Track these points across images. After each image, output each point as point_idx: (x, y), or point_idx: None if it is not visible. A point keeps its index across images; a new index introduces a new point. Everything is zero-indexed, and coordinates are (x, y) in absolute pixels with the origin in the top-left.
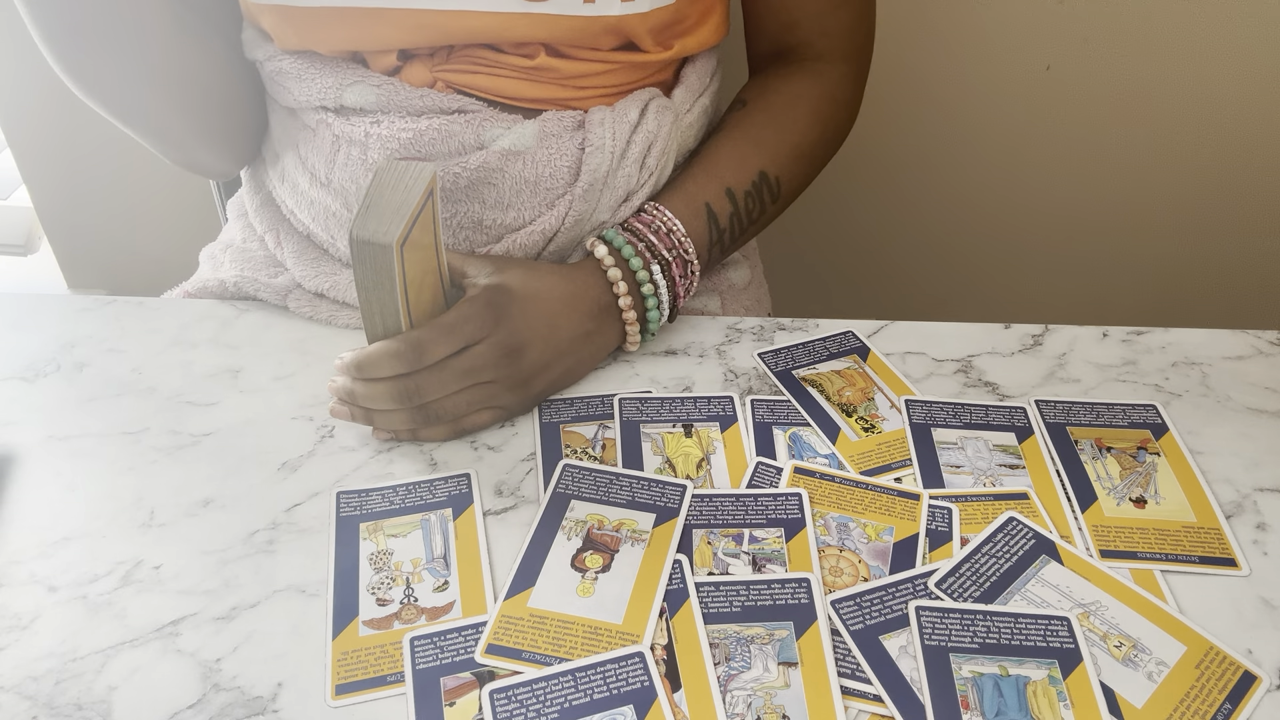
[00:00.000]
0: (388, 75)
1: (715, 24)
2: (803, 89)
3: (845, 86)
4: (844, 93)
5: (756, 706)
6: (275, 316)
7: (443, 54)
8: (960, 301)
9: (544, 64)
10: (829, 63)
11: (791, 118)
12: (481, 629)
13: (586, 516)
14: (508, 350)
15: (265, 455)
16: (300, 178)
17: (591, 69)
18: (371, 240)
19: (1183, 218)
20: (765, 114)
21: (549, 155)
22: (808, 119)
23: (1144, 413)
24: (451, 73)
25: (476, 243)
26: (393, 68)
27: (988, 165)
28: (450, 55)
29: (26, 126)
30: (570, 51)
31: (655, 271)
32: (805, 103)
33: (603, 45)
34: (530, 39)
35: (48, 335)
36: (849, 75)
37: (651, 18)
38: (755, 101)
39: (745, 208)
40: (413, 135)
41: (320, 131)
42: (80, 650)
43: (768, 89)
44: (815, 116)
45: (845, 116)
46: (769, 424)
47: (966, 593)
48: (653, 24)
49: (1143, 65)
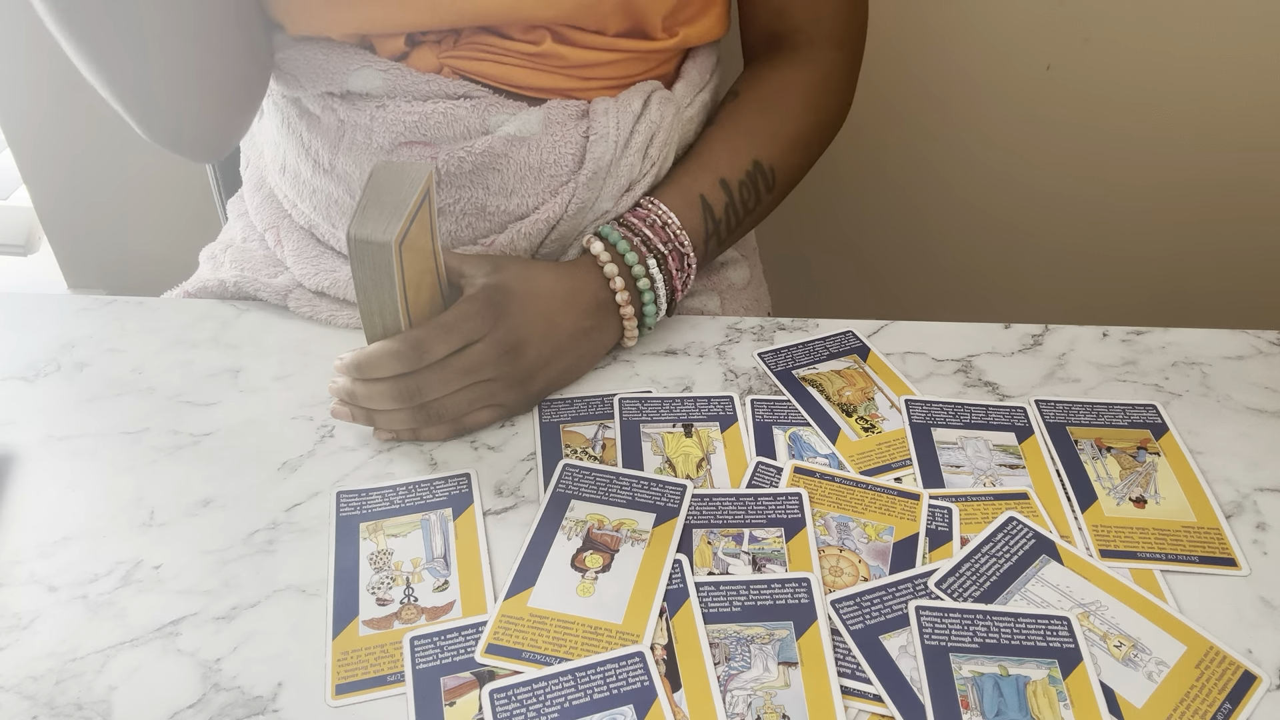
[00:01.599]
0: (394, 61)
1: (717, 15)
2: (794, 77)
3: (838, 74)
4: (837, 80)
5: (756, 706)
6: (275, 316)
7: (450, 40)
8: (960, 301)
9: (549, 50)
10: (821, 50)
11: (784, 106)
12: (481, 629)
13: (586, 516)
14: (507, 347)
15: (265, 455)
16: (303, 166)
17: (596, 58)
18: (370, 239)
19: (1183, 217)
20: (757, 103)
21: (554, 142)
22: (800, 107)
23: (1144, 413)
24: (458, 59)
25: (480, 230)
26: (400, 53)
27: (988, 165)
28: (457, 41)
29: (26, 126)
30: (576, 38)
31: (651, 266)
32: (797, 90)
33: (610, 28)
34: (538, 20)
35: (48, 335)
36: (841, 63)
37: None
38: (747, 91)
39: (740, 198)
40: (418, 119)
41: (325, 118)
42: (80, 650)
43: (759, 79)
44: (808, 104)
45: (839, 104)
46: (769, 424)
47: (966, 593)
48: (661, 4)
49: (1143, 65)
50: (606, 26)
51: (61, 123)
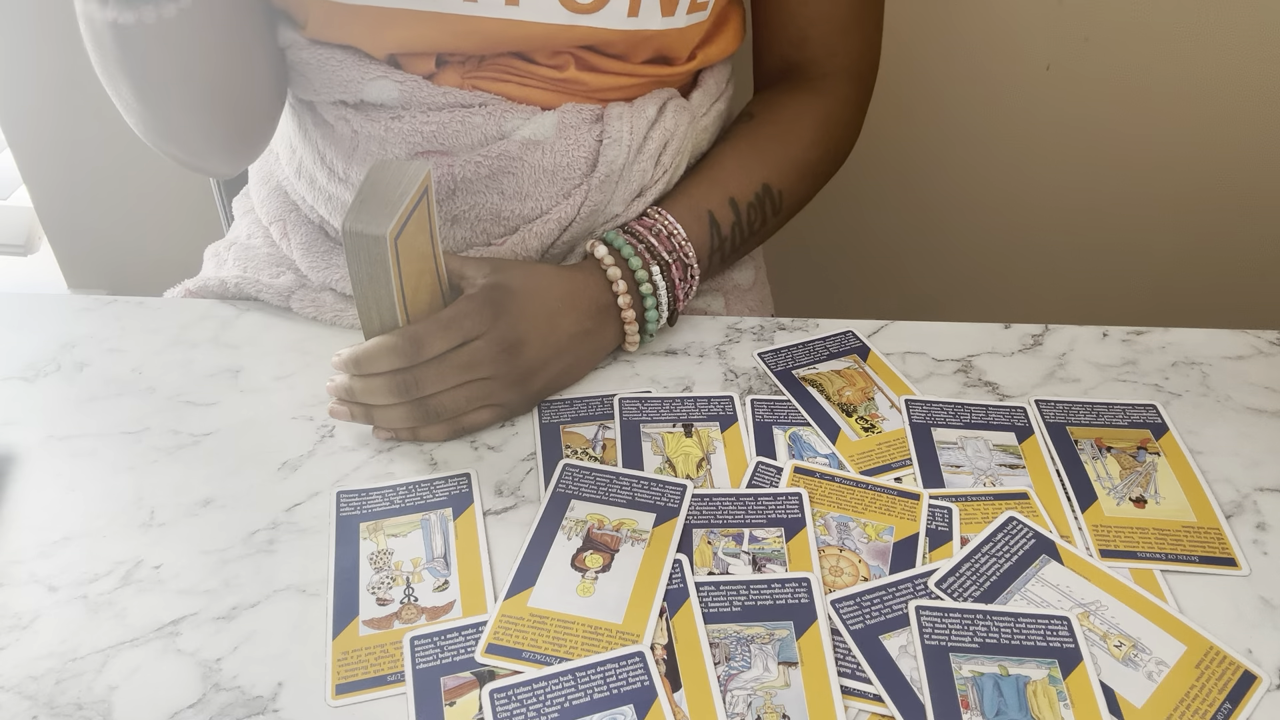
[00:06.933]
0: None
1: (733, 31)
2: (809, 106)
3: (850, 107)
4: (848, 113)
5: (756, 706)
6: (275, 316)
7: (474, 62)
8: (960, 301)
9: (572, 77)
10: (835, 82)
11: (797, 133)
12: (481, 629)
13: (586, 516)
14: (506, 346)
15: (265, 455)
16: (318, 172)
17: (617, 82)
18: (365, 232)
19: (1183, 217)
20: (772, 127)
21: (567, 145)
22: (812, 135)
23: (1144, 413)
24: (482, 80)
25: (493, 235)
26: (428, 73)
27: (988, 165)
28: (481, 64)
29: (26, 126)
30: (600, 63)
31: (655, 273)
32: (811, 119)
33: (636, 57)
34: (568, 48)
35: (48, 335)
36: (854, 96)
37: (688, 32)
38: (762, 115)
39: (747, 218)
40: (435, 129)
41: (339, 128)
42: (80, 650)
43: (775, 103)
44: (819, 133)
45: (848, 136)
46: (769, 424)
47: (966, 592)
48: (689, 37)
49: (1143, 64)
50: (633, 56)
51: (61, 123)
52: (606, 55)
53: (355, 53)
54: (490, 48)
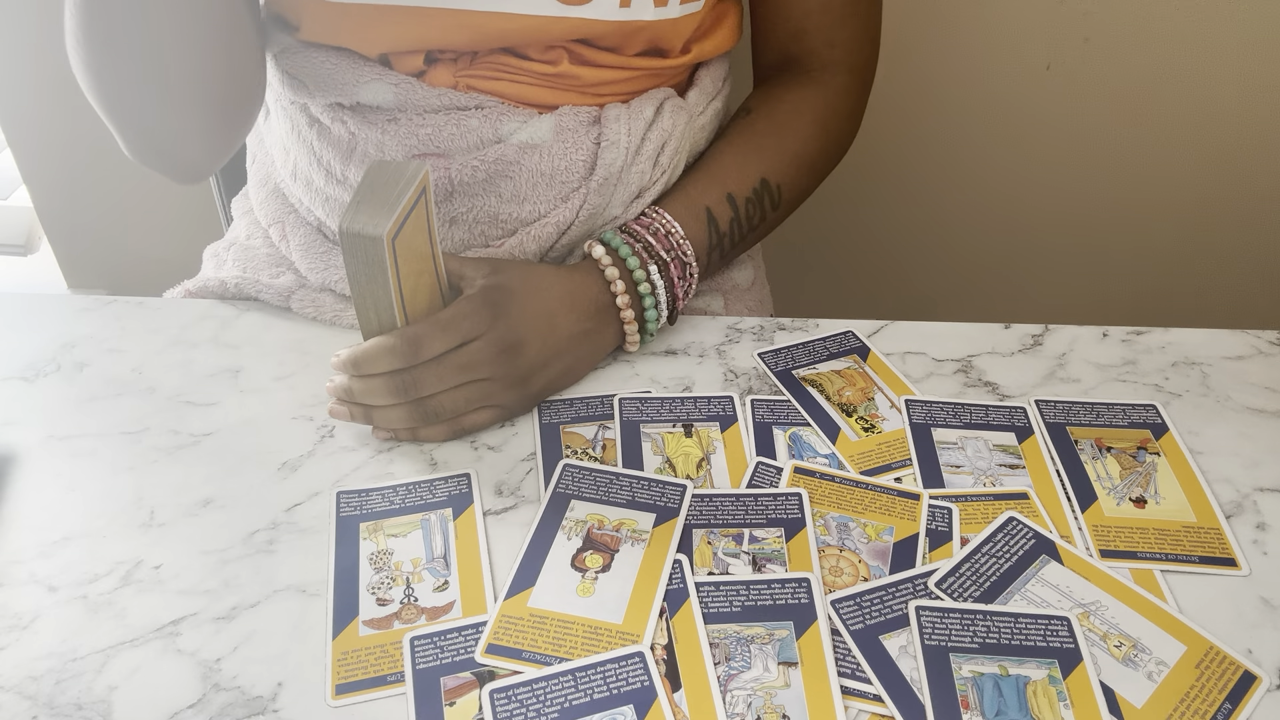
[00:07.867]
0: (409, 76)
1: (730, 27)
2: (807, 99)
3: (849, 99)
4: (847, 105)
5: (756, 706)
6: (275, 316)
7: (466, 59)
8: (960, 301)
9: (565, 71)
10: (834, 74)
11: (795, 127)
12: (481, 629)
13: (586, 516)
14: (505, 346)
15: (265, 455)
16: (315, 174)
17: (611, 76)
18: (362, 232)
19: (1183, 217)
20: (769, 121)
21: (565, 149)
22: (811, 128)
23: (1144, 413)
24: (474, 78)
25: (491, 237)
26: (418, 70)
27: (988, 165)
28: (474, 61)
29: (26, 126)
30: (593, 57)
31: (653, 272)
32: (809, 112)
33: (629, 49)
34: (560, 42)
35: (48, 335)
36: (853, 88)
37: (681, 23)
38: (759, 109)
39: (746, 214)
40: (431, 131)
41: (335, 129)
42: (80, 650)
43: (772, 97)
44: (818, 126)
45: (847, 129)
46: (769, 424)
47: (966, 593)
48: (681, 28)
49: (1143, 64)
50: (627, 48)
51: (61, 123)
52: (599, 48)
53: (350, 55)
54: (481, 42)
